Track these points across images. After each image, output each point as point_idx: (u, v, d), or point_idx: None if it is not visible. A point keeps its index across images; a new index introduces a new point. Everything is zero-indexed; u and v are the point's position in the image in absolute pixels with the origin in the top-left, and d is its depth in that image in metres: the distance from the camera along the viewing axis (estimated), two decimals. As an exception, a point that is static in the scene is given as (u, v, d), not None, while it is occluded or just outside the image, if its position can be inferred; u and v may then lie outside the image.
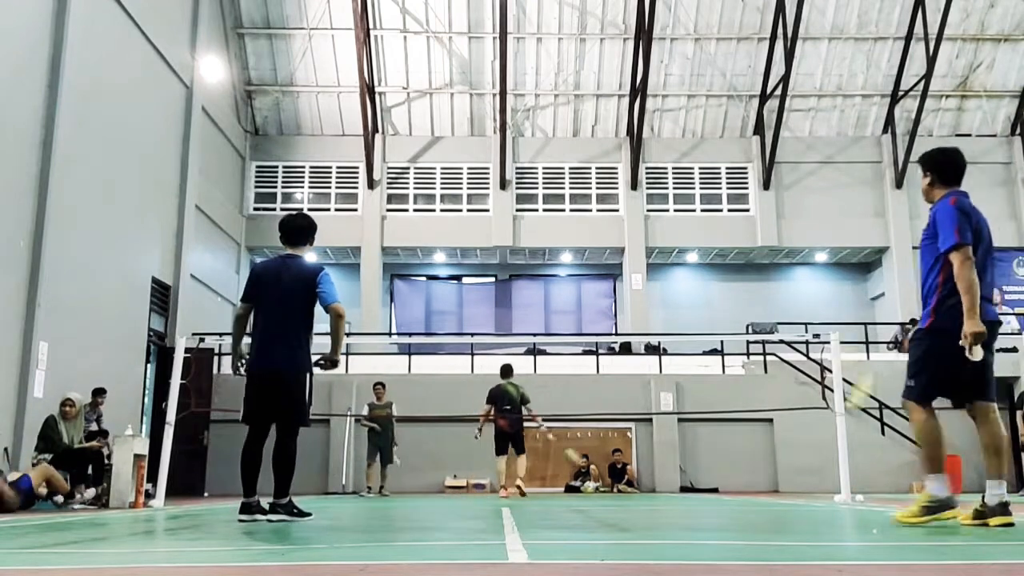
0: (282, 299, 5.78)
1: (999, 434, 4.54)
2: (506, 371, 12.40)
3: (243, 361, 5.87)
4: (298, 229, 6.02)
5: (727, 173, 20.69)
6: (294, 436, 5.75)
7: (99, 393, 11.13)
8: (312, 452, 15.45)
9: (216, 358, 15.51)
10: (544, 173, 20.65)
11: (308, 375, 5.84)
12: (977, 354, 4.40)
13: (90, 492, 9.39)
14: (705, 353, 17.15)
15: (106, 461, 9.63)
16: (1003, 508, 4.36)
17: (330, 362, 5.82)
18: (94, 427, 10.69)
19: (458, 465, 15.18)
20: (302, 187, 20.53)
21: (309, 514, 5.71)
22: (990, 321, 4.54)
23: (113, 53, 12.92)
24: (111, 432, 10.27)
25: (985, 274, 4.63)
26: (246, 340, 5.94)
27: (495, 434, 12.04)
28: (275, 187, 20.47)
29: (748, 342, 16.46)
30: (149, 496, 9.56)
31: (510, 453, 11.92)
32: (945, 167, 4.90)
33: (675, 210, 20.44)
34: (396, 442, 13.43)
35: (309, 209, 20.32)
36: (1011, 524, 4.32)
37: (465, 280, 21.54)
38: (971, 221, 4.63)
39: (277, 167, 20.49)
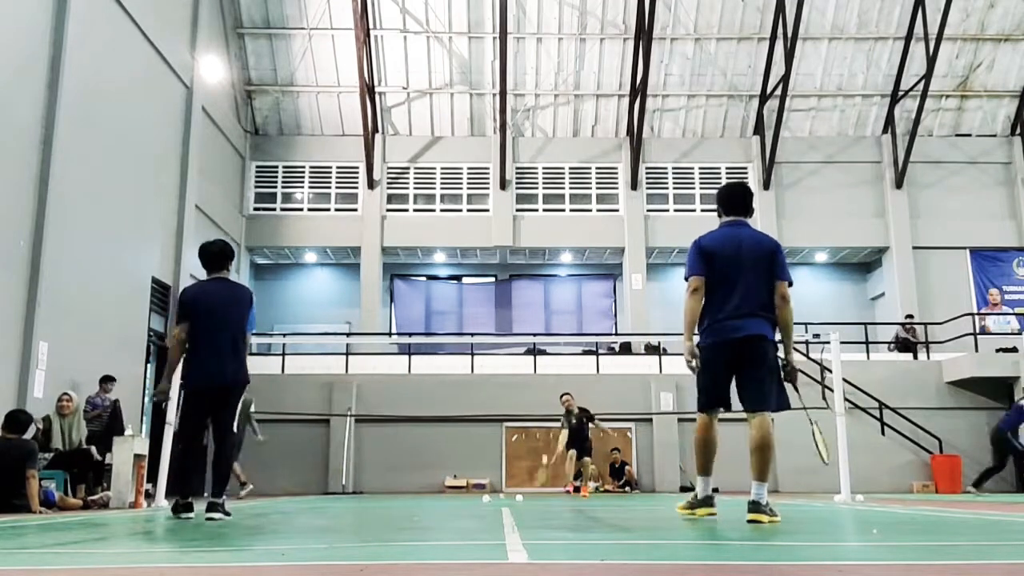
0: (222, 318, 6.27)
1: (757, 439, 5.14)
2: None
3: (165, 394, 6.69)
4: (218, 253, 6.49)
5: (727, 173, 20.68)
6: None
7: (107, 380, 11.14)
8: (312, 452, 15.49)
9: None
10: (544, 173, 20.64)
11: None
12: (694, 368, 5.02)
13: (107, 495, 9.25)
14: (705, 353, 17.11)
15: (105, 463, 9.60)
16: (708, 500, 5.15)
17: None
18: (95, 425, 10.58)
19: (458, 465, 15.19)
20: (302, 187, 20.53)
21: (230, 514, 6.17)
22: (733, 339, 5.08)
23: (113, 53, 12.92)
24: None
25: (736, 289, 5.11)
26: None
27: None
28: (275, 187, 20.45)
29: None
30: (149, 496, 9.55)
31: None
32: (720, 200, 5.46)
33: (675, 210, 20.44)
34: None
35: (309, 209, 20.37)
36: (714, 515, 5.12)
37: (465, 280, 21.53)
38: (706, 254, 5.18)
39: (277, 167, 20.48)
